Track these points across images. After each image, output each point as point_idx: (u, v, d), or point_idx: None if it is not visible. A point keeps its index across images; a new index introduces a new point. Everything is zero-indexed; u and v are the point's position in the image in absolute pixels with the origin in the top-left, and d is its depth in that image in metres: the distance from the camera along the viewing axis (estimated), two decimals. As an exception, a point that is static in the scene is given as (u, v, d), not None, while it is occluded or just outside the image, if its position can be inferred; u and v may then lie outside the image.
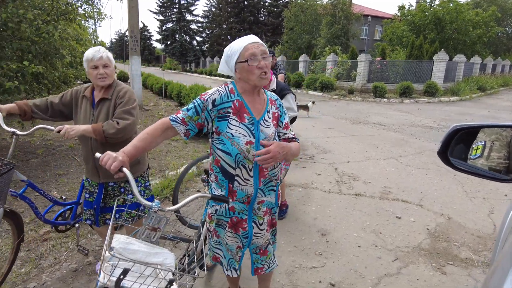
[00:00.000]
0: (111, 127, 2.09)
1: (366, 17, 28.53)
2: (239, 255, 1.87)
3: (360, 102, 15.08)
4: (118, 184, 2.32)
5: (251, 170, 1.63)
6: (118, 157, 1.38)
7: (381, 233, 3.38)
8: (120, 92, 2.23)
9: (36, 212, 2.37)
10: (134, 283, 1.20)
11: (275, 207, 1.82)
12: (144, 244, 1.36)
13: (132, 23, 10.12)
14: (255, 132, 1.61)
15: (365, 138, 7.65)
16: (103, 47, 2.25)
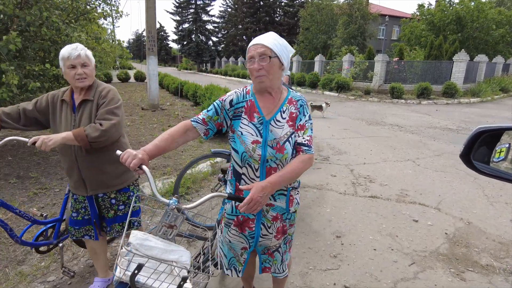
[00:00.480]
0: (94, 129, 1.88)
1: (384, 17, 28.11)
2: (244, 257, 1.83)
3: (376, 103, 14.86)
4: (108, 195, 2.14)
5: (257, 170, 1.61)
6: (138, 155, 1.41)
7: (398, 236, 3.32)
8: (103, 92, 2.03)
9: (11, 234, 2.08)
10: (149, 279, 1.22)
11: (286, 213, 1.73)
12: (160, 241, 1.38)
13: (150, 23, 10.27)
14: (263, 132, 1.59)
15: (381, 140, 7.53)
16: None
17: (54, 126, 2.07)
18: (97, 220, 2.17)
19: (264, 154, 1.57)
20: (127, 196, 2.20)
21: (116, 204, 2.17)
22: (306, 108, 1.67)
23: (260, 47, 1.52)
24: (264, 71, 1.52)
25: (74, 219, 2.16)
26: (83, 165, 2.01)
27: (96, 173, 2.04)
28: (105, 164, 2.05)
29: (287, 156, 1.58)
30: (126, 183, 2.18)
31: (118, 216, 2.18)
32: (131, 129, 7.72)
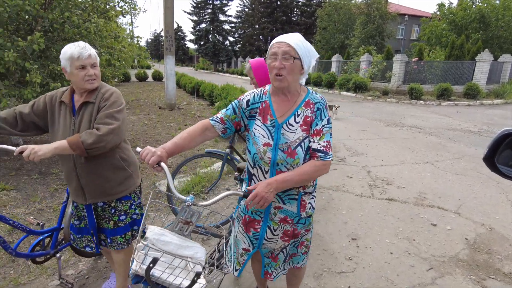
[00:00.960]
0: (90, 135, 1.72)
1: (403, 16, 27.56)
2: (244, 258, 1.82)
3: (395, 103, 14.58)
4: (109, 204, 1.99)
5: (267, 172, 1.59)
6: (156, 152, 1.44)
7: (415, 240, 3.25)
8: (105, 94, 1.87)
9: (5, 246, 1.94)
10: (163, 273, 1.24)
11: (298, 218, 1.69)
12: (176, 236, 1.41)
13: (167, 23, 10.41)
14: (275, 135, 1.56)
15: (399, 141, 7.39)
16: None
17: (52, 130, 1.91)
18: (95, 231, 2.00)
19: (275, 158, 1.55)
20: (129, 205, 2.05)
21: (117, 214, 2.01)
22: (324, 112, 1.59)
23: (285, 45, 1.48)
24: (285, 70, 1.49)
25: (77, 227, 2.04)
26: (82, 172, 1.87)
27: (96, 181, 1.90)
28: (105, 171, 1.91)
29: (298, 161, 1.54)
30: (127, 191, 2.02)
31: (120, 228, 2.02)
32: (149, 127, 7.85)
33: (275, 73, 1.50)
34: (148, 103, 11.71)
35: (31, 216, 2.80)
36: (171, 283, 1.26)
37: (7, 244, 1.95)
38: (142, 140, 6.67)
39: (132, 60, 9.27)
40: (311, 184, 1.68)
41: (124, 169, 1.99)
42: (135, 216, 2.09)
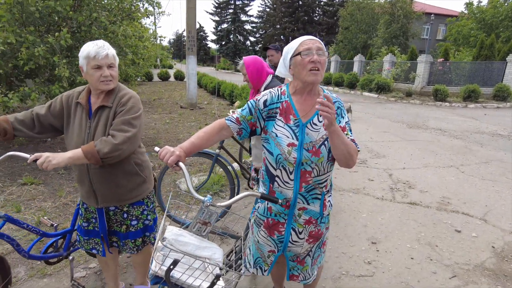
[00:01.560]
0: (105, 144, 1.66)
1: (429, 16, 26.77)
2: (271, 259, 1.81)
3: (418, 105, 14.20)
4: (121, 209, 1.94)
5: (291, 173, 1.57)
6: (175, 152, 1.45)
7: (437, 246, 3.15)
8: (123, 99, 1.79)
9: (19, 249, 1.94)
10: (183, 274, 1.24)
11: (320, 217, 1.69)
12: (194, 237, 1.41)
13: (190, 23, 10.55)
14: (299, 134, 1.55)
15: (423, 144, 7.19)
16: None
17: (67, 131, 1.86)
18: (105, 235, 1.95)
19: (300, 157, 1.53)
20: (141, 210, 1.99)
21: (129, 219, 1.96)
22: (343, 110, 1.62)
23: (318, 42, 1.52)
24: (320, 65, 1.50)
25: (85, 229, 1.99)
26: (94, 177, 1.83)
27: (109, 186, 1.85)
28: (118, 177, 1.86)
29: (322, 160, 1.54)
30: (140, 196, 1.97)
31: (131, 232, 1.97)
32: (170, 126, 7.98)
33: (312, 67, 1.49)
34: (170, 102, 11.91)
35: (45, 217, 2.83)
36: (190, 285, 1.26)
37: (20, 247, 1.96)
38: (164, 138, 6.79)
39: (155, 59, 9.45)
40: (330, 183, 1.69)
41: (138, 175, 1.94)
42: (147, 222, 2.03)
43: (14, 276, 2.47)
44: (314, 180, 1.59)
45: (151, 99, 12.66)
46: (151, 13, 7.08)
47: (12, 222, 1.88)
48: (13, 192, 3.87)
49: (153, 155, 5.52)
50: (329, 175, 1.64)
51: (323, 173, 1.59)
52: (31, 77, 5.00)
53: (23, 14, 4.40)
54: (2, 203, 3.58)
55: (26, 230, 1.98)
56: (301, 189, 1.59)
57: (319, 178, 1.59)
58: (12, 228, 3.02)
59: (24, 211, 3.44)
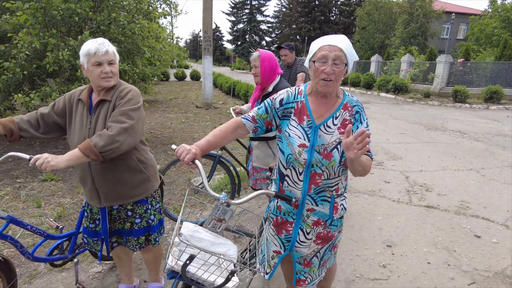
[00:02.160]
0: (101, 137, 1.61)
1: (449, 14, 26.17)
2: (275, 261, 1.79)
3: (437, 106, 13.89)
4: (124, 207, 1.92)
5: (301, 174, 1.57)
6: (191, 150, 1.47)
7: (455, 251, 3.07)
8: (122, 92, 1.78)
9: (23, 251, 1.92)
10: (198, 270, 1.27)
11: (330, 219, 1.65)
12: (209, 233, 1.44)
13: (206, 23, 10.63)
14: (311, 136, 1.53)
15: (441, 146, 7.02)
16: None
17: (69, 129, 1.87)
18: (106, 237, 1.92)
19: (310, 159, 1.52)
20: (145, 209, 1.96)
21: (133, 217, 1.94)
22: (363, 115, 1.56)
23: (337, 50, 1.44)
24: (334, 76, 1.44)
25: (92, 230, 1.98)
26: (96, 173, 1.81)
27: (112, 183, 1.83)
28: (121, 173, 1.84)
29: (333, 164, 1.51)
30: (144, 194, 1.94)
31: (134, 230, 1.94)
32: (186, 125, 8.07)
33: (324, 77, 1.46)
34: (186, 102, 12.04)
35: (52, 219, 2.89)
36: (205, 280, 1.28)
37: (24, 248, 1.94)
38: (179, 137, 6.87)
39: (171, 59, 9.57)
40: (344, 186, 1.66)
41: (141, 172, 1.91)
42: (150, 222, 1.99)
43: (34, 269, 2.55)
44: (323, 183, 1.57)
45: (168, 98, 12.83)
46: (168, 13, 7.18)
47: (16, 224, 1.87)
48: (34, 188, 3.99)
49: (169, 153, 5.59)
50: (340, 179, 1.61)
51: (334, 177, 1.56)
52: (52, 77, 5.14)
53: (46, 18, 4.53)
54: (24, 198, 3.70)
55: (30, 231, 1.96)
56: (310, 191, 1.58)
57: (329, 181, 1.57)
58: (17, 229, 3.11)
59: (44, 206, 3.54)
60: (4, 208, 3.46)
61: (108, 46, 1.73)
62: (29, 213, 3.37)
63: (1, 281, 1.88)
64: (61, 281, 2.45)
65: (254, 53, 2.77)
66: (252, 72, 2.79)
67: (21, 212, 3.38)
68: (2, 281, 1.88)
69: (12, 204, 3.56)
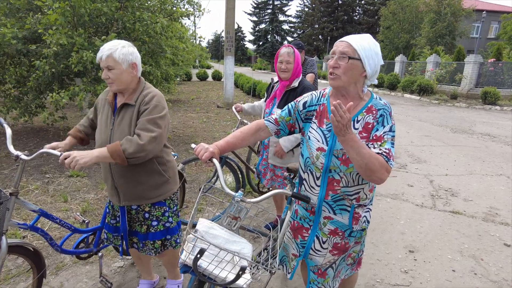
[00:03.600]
0: (131, 143, 1.66)
1: (480, 13, 25.14)
2: (294, 263, 1.76)
3: (464, 108, 13.39)
4: (142, 208, 1.93)
5: (318, 179, 1.53)
6: (209, 149, 1.50)
7: (483, 260, 2.95)
8: (146, 97, 1.79)
9: (52, 243, 2.02)
10: (210, 265, 1.28)
11: (349, 230, 1.58)
12: (225, 231, 1.45)
13: (228, 24, 10.70)
14: (330, 140, 1.49)
15: (468, 150, 6.77)
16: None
17: (97, 127, 1.95)
18: (125, 234, 1.96)
19: (327, 164, 1.48)
20: (162, 211, 1.96)
21: (150, 219, 1.94)
22: (388, 118, 1.45)
23: (345, 45, 1.42)
24: (339, 70, 1.42)
25: (113, 226, 2.03)
26: (116, 172, 1.84)
27: (131, 184, 1.85)
28: (141, 175, 1.85)
29: (352, 170, 1.45)
30: (162, 196, 1.94)
31: (150, 233, 1.94)
32: (207, 125, 8.15)
33: (330, 72, 1.47)
34: (207, 102, 12.16)
35: (78, 213, 2.95)
36: (217, 275, 1.29)
37: (53, 241, 2.02)
38: (200, 136, 6.95)
39: (194, 60, 9.69)
40: (367, 197, 1.57)
41: (161, 174, 1.92)
42: (168, 225, 1.98)
43: (60, 261, 2.64)
44: (342, 190, 1.51)
45: (190, 98, 13.01)
46: (191, 13, 7.27)
47: (46, 217, 1.94)
48: (61, 183, 4.15)
49: (190, 152, 5.67)
50: (362, 188, 1.52)
51: (353, 184, 1.50)
52: (80, 76, 5.32)
53: (74, 17, 4.69)
54: (52, 192, 3.85)
55: (58, 225, 2.04)
56: (327, 197, 1.53)
57: (348, 189, 1.50)
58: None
59: (70, 201, 3.67)
60: (34, 201, 3.61)
61: (106, 52, 1.72)
62: (56, 207, 3.51)
63: (32, 270, 1.96)
64: (85, 274, 2.54)
65: (287, 49, 2.74)
66: (283, 69, 2.73)
67: (49, 206, 3.52)
68: (33, 271, 1.95)
69: (41, 198, 3.71)
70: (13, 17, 5.13)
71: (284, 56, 2.72)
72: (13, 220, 1.78)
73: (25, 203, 1.83)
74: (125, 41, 1.81)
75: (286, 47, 2.77)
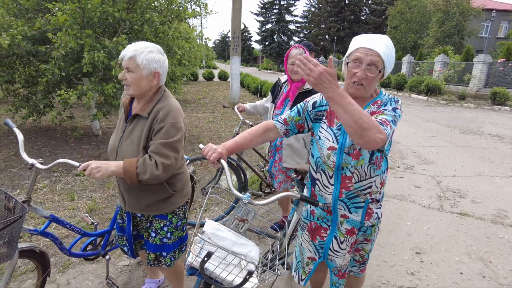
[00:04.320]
0: (146, 170, 1.59)
1: (489, 12, 24.84)
2: (310, 267, 1.76)
3: (473, 109, 13.23)
4: (146, 218, 1.89)
5: (331, 177, 1.54)
6: (217, 149, 1.50)
7: (491, 262, 2.91)
8: (160, 113, 1.64)
9: (61, 247, 2.03)
10: (217, 268, 1.27)
11: (362, 227, 1.61)
12: (232, 233, 1.44)
13: (235, 24, 10.71)
14: (340, 137, 1.50)
15: (476, 151, 6.69)
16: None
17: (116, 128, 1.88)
18: (130, 238, 1.94)
19: (339, 162, 1.49)
20: (161, 225, 1.85)
21: (150, 229, 1.89)
22: (392, 103, 1.44)
23: (374, 55, 1.36)
24: (366, 81, 1.39)
25: (120, 226, 2.01)
26: (121, 182, 1.81)
27: (134, 193, 1.80)
28: (145, 189, 1.78)
29: (363, 162, 1.47)
30: (164, 210, 1.84)
31: (148, 242, 1.89)
32: (213, 125, 8.17)
33: (354, 80, 1.41)
34: (213, 102, 12.19)
35: (87, 214, 2.96)
36: (224, 279, 1.28)
37: (63, 245, 2.04)
38: (206, 136, 6.96)
39: (200, 60, 9.71)
40: (378, 190, 1.58)
41: (165, 189, 1.80)
42: (165, 240, 1.86)
43: (67, 259, 2.67)
44: (355, 186, 1.52)
45: (196, 98, 13.05)
46: (198, 13, 7.29)
47: (57, 222, 1.95)
48: (68, 182, 4.19)
49: (197, 152, 5.68)
50: (374, 181, 1.53)
51: (365, 178, 1.51)
52: (87, 76, 5.37)
53: (83, 19, 4.73)
54: (59, 191, 3.89)
55: (69, 229, 2.06)
56: (341, 195, 1.54)
57: (361, 184, 1.52)
58: (66, 215, 3.25)
59: (77, 200, 3.70)
60: (42, 200, 3.65)
61: (130, 52, 1.61)
62: (63, 206, 3.54)
63: (37, 270, 1.98)
64: (92, 272, 2.56)
65: (295, 49, 2.69)
66: (295, 70, 2.63)
67: (56, 205, 3.56)
68: (38, 270, 1.98)
69: (48, 196, 3.75)
70: (23, 18, 5.19)
71: (295, 58, 2.67)
72: (24, 227, 1.77)
73: (37, 210, 1.83)
74: (156, 46, 1.69)
75: (297, 47, 2.72)
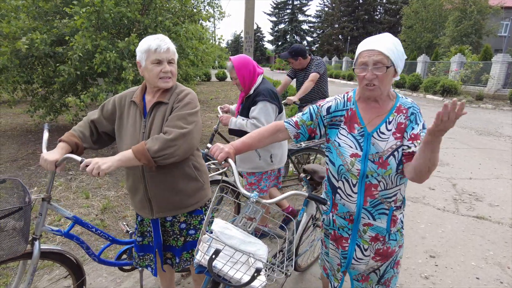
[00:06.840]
0: (156, 141, 1.50)
1: (509, 10, 24.15)
2: (340, 275, 1.71)
3: (491, 110, 12.90)
4: (178, 219, 1.77)
5: (354, 185, 1.48)
6: (224, 149, 1.49)
7: (510, 268, 2.83)
8: (180, 95, 1.65)
9: (89, 252, 1.89)
10: (225, 265, 1.28)
11: (388, 234, 1.53)
12: (240, 232, 1.44)
13: (248, 24, 10.73)
14: (364, 145, 1.45)
15: (494, 153, 6.51)
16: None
17: (119, 134, 1.72)
18: (160, 249, 1.78)
19: (364, 170, 1.43)
20: (199, 220, 1.81)
21: (186, 229, 1.79)
22: (419, 116, 1.44)
23: (376, 54, 1.36)
24: (377, 80, 1.37)
25: (139, 244, 1.84)
26: (151, 182, 1.67)
27: (167, 192, 1.69)
28: (177, 181, 1.69)
29: (390, 172, 1.41)
30: (199, 203, 1.78)
31: (188, 243, 1.80)
32: (224, 125, 8.20)
33: (366, 83, 1.40)
34: (226, 102, 12.23)
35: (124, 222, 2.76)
36: (232, 277, 1.29)
37: (90, 250, 1.90)
38: (218, 136, 6.98)
39: (213, 60, 9.76)
40: (402, 197, 1.53)
41: (197, 180, 1.77)
42: None
43: (81, 256, 2.71)
44: (380, 194, 1.46)
45: (209, 98, 13.13)
46: (212, 15, 7.33)
47: (80, 224, 1.84)
48: (83, 180, 4.27)
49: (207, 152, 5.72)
50: (399, 189, 1.48)
51: (391, 186, 1.45)
52: (102, 76, 5.47)
53: (99, 21, 4.82)
54: (74, 189, 3.97)
55: (95, 234, 1.93)
56: (366, 204, 1.48)
57: (386, 192, 1.46)
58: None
59: (92, 198, 3.77)
60: (58, 197, 3.73)
61: (169, 44, 1.61)
62: (78, 204, 3.61)
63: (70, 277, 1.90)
64: (105, 268, 2.60)
65: (228, 63, 2.60)
66: (233, 83, 2.63)
67: (71, 202, 3.63)
68: (71, 277, 1.90)
69: (64, 194, 3.83)
70: (41, 20, 5.32)
71: (230, 73, 2.59)
72: (46, 226, 1.72)
73: (58, 209, 1.76)
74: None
75: (230, 61, 2.58)
